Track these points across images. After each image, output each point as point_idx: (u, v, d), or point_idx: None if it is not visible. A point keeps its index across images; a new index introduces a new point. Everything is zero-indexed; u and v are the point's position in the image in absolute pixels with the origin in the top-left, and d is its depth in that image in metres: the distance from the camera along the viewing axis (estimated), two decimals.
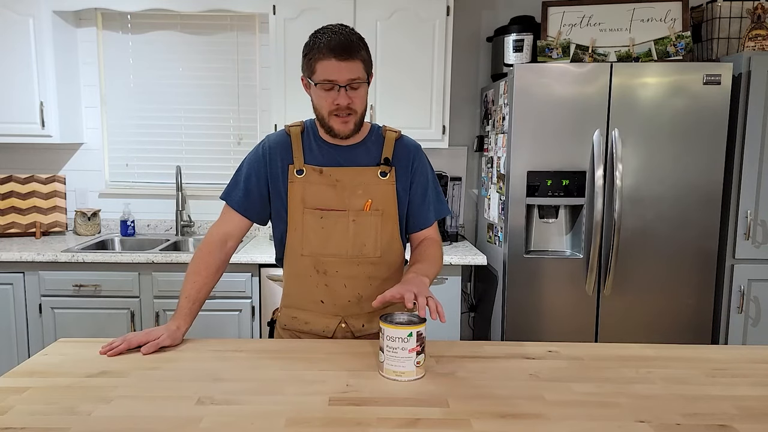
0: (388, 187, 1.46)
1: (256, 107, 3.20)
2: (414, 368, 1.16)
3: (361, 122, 1.43)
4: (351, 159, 1.46)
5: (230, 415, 1.00)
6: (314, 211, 1.43)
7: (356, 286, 1.46)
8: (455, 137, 3.18)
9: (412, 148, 1.52)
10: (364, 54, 1.37)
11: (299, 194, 1.44)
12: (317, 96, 1.38)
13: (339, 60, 1.32)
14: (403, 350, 1.16)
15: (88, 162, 3.22)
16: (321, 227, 1.43)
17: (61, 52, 2.93)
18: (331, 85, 1.34)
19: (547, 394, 1.10)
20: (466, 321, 3.23)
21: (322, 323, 1.47)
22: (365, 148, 1.48)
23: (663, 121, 2.44)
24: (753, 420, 1.01)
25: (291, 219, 1.46)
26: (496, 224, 2.74)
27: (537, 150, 2.47)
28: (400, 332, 1.15)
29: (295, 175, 1.45)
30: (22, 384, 1.12)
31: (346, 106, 1.35)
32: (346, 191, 1.44)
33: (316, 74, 1.35)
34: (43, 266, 2.59)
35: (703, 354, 1.34)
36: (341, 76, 1.33)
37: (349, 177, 1.44)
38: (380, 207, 1.45)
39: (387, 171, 1.46)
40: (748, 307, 2.56)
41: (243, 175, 1.50)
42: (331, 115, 1.38)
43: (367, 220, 1.44)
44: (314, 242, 1.44)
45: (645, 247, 2.50)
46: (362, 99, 1.40)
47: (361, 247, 1.44)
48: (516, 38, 2.81)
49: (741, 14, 2.64)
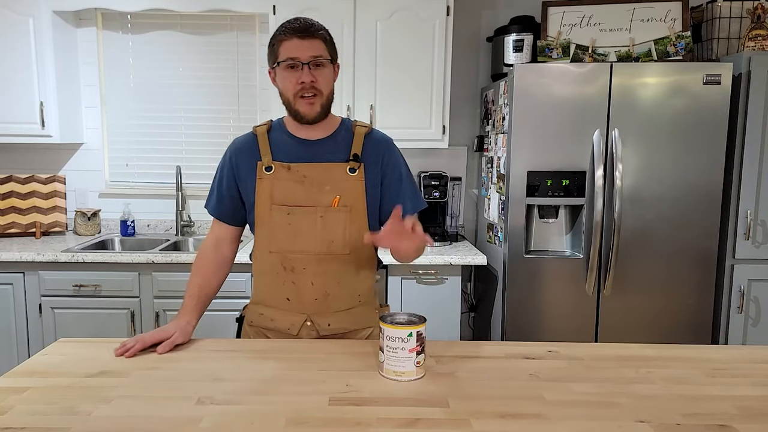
0: (356, 183, 1.45)
1: (256, 107, 3.20)
2: (414, 368, 1.16)
3: (327, 106, 1.43)
4: (319, 155, 1.45)
5: (230, 415, 1.00)
6: (282, 207, 1.43)
7: (324, 283, 1.45)
8: (455, 137, 3.18)
9: (382, 143, 1.51)
10: (325, 35, 1.40)
11: (267, 191, 1.44)
12: (282, 79, 1.40)
13: (300, 38, 1.36)
14: (403, 350, 1.15)
15: (88, 162, 3.22)
16: (288, 224, 1.43)
17: (61, 52, 2.93)
18: (294, 62, 1.36)
19: (547, 394, 1.10)
20: (466, 321, 3.23)
21: (287, 321, 1.47)
22: (334, 143, 1.47)
23: (663, 121, 2.44)
24: (753, 420, 1.01)
25: (258, 215, 1.46)
26: (496, 224, 2.74)
27: (537, 150, 2.47)
28: (400, 332, 1.15)
29: (263, 172, 1.45)
30: (22, 384, 1.12)
31: (310, 84, 1.36)
32: (314, 187, 1.43)
33: (280, 55, 1.38)
34: (43, 266, 2.59)
35: (703, 354, 1.34)
36: (303, 53, 1.36)
37: (318, 173, 1.44)
38: (349, 203, 1.44)
39: (356, 167, 1.45)
40: (748, 307, 2.56)
41: (216, 182, 1.53)
42: (296, 98, 1.39)
43: (335, 216, 1.43)
44: (282, 239, 1.44)
45: (645, 247, 2.50)
46: (326, 80, 1.40)
47: (329, 243, 1.44)
48: (516, 38, 2.81)
49: (741, 14, 2.64)
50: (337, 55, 1.46)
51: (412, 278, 2.64)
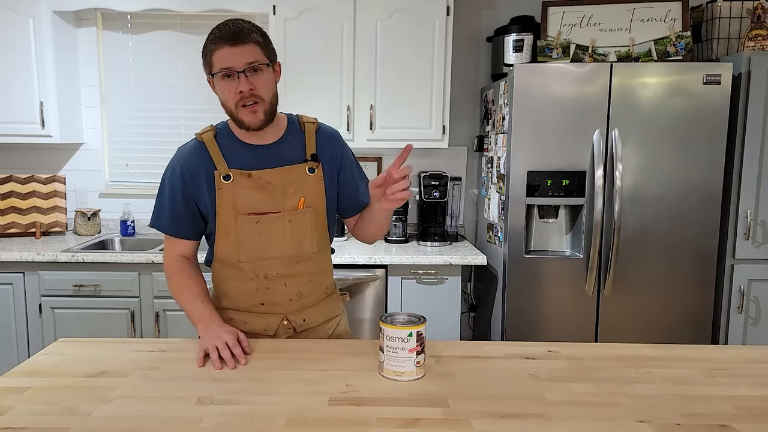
0: (317, 183, 1.44)
1: None
2: (414, 368, 1.16)
3: (271, 111, 1.37)
4: (277, 158, 1.42)
5: (230, 415, 1.00)
6: (248, 217, 1.39)
7: (296, 283, 1.45)
8: (455, 137, 3.18)
9: (333, 138, 1.50)
10: (257, 37, 1.33)
11: (229, 200, 1.39)
12: (221, 89, 1.34)
13: (231, 45, 1.30)
14: (403, 350, 1.15)
15: (88, 162, 3.22)
16: (258, 232, 1.40)
17: (61, 52, 2.93)
18: (229, 71, 1.31)
19: (547, 394, 1.10)
20: (466, 321, 3.23)
21: (263, 322, 1.46)
22: (288, 144, 1.44)
23: (663, 121, 2.44)
24: (753, 420, 1.01)
25: (221, 226, 1.41)
26: (496, 224, 2.74)
27: (537, 150, 2.47)
28: (400, 332, 1.15)
29: (222, 181, 1.39)
30: (22, 384, 1.12)
31: (249, 92, 1.31)
32: (277, 192, 1.40)
33: (214, 65, 1.33)
34: (43, 266, 2.59)
35: (703, 354, 1.34)
36: (237, 61, 1.30)
37: (279, 177, 1.41)
38: (312, 204, 1.44)
39: (314, 167, 1.44)
40: (748, 307, 2.56)
41: (167, 197, 1.45)
42: (238, 107, 1.33)
43: (302, 218, 1.42)
44: (251, 248, 1.41)
45: (645, 247, 2.50)
46: (266, 85, 1.34)
47: (299, 245, 1.43)
48: (516, 38, 2.81)
49: (741, 14, 2.64)
50: (276, 54, 1.39)
51: (412, 278, 2.64)
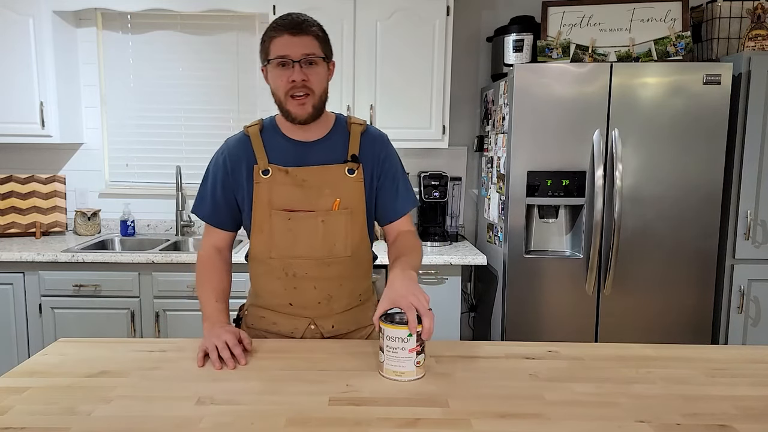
0: (356, 185, 1.42)
1: (256, 107, 3.20)
2: (414, 368, 1.16)
3: (320, 107, 1.38)
4: (317, 156, 1.41)
5: (230, 415, 1.00)
6: (281, 213, 1.39)
7: (326, 287, 1.43)
8: (455, 137, 3.18)
9: (378, 140, 1.48)
10: (317, 31, 1.34)
11: (266, 195, 1.40)
12: (273, 78, 1.34)
13: (291, 35, 1.30)
14: (403, 350, 1.15)
15: (88, 162, 3.22)
16: (289, 229, 1.40)
17: (61, 52, 2.93)
18: (285, 60, 1.31)
19: (547, 394, 1.10)
20: (466, 321, 3.23)
21: (290, 325, 1.45)
22: (331, 144, 1.43)
23: (663, 121, 2.44)
24: (753, 420, 1.00)
25: (256, 221, 1.41)
26: (496, 224, 2.74)
27: (537, 150, 2.47)
28: (400, 332, 1.15)
29: (260, 176, 1.40)
30: (22, 384, 1.12)
31: (301, 83, 1.31)
32: (313, 191, 1.39)
33: (270, 52, 1.32)
34: (43, 266, 2.59)
35: (703, 354, 1.34)
36: (294, 50, 1.30)
37: (316, 176, 1.40)
38: (349, 205, 1.41)
39: (354, 168, 1.42)
40: (748, 307, 2.56)
41: (209, 187, 1.47)
42: (287, 97, 1.33)
43: (336, 219, 1.40)
44: (282, 245, 1.41)
45: (645, 247, 2.50)
46: (319, 78, 1.34)
47: (331, 247, 1.41)
48: (516, 38, 2.81)
49: (741, 14, 2.64)
50: (332, 52, 1.40)
51: None
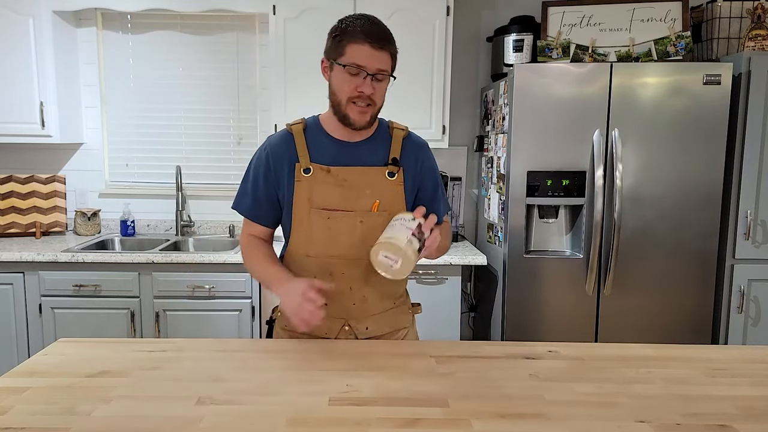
0: (396, 188, 1.44)
1: (256, 107, 3.20)
2: (405, 242, 1.21)
3: (376, 116, 1.42)
4: (359, 157, 1.43)
5: (230, 415, 1.00)
6: (321, 211, 1.41)
7: (362, 288, 1.44)
8: (455, 137, 3.18)
9: (419, 147, 1.51)
10: (394, 49, 1.37)
11: (306, 193, 1.41)
12: (339, 80, 1.35)
13: (373, 47, 1.31)
14: (402, 226, 1.23)
15: (88, 162, 3.22)
16: (327, 228, 1.41)
17: (61, 52, 2.93)
18: (358, 70, 1.32)
19: (547, 394, 1.10)
20: (466, 321, 3.23)
21: (324, 325, 1.44)
22: (373, 146, 1.45)
23: (663, 121, 2.44)
24: (753, 420, 1.01)
25: (296, 218, 1.43)
26: (496, 224, 2.74)
27: (537, 150, 2.47)
28: (406, 215, 1.25)
29: (302, 174, 1.41)
30: (22, 384, 1.12)
31: (368, 96, 1.33)
32: (353, 191, 1.41)
33: (345, 56, 1.32)
34: (43, 266, 2.59)
35: (703, 354, 1.34)
36: (371, 63, 1.31)
37: (357, 177, 1.41)
38: (388, 208, 1.42)
39: (395, 171, 1.44)
40: (748, 307, 2.55)
41: (250, 183, 1.48)
42: (349, 103, 1.35)
43: (374, 221, 1.41)
44: (320, 243, 1.42)
45: (645, 247, 2.50)
46: (382, 93, 1.38)
47: (368, 248, 1.41)
48: (516, 38, 2.81)
49: (741, 14, 2.64)
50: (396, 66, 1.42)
51: (412, 278, 2.64)
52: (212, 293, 2.60)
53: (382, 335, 1.48)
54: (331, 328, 1.45)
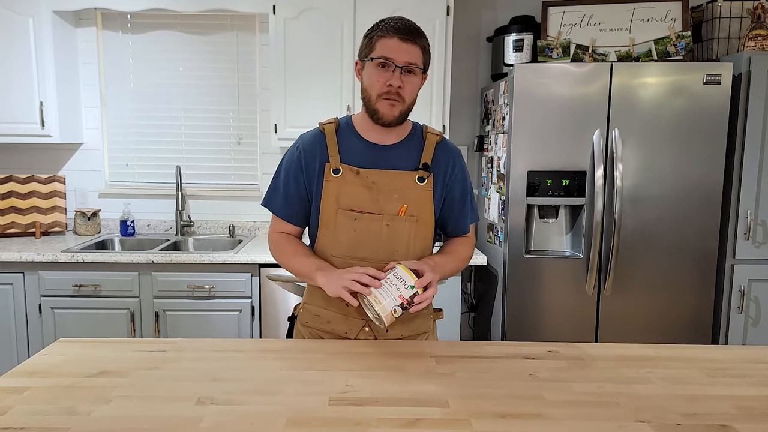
0: (425, 193, 1.43)
1: (256, 107, 3.20)
2: (390, 311, 1.25)
3: (406, 113, 1.40)
4: (389, 160, 1.42)
5: (230, 415, 1.00)
6: (348, 212, 1.40)
7: None
8: (455, 137, 3.18)
9: (452, 154, 1.49)
10: (425, 43, 1.37)
11: (334, 194, 1.41)
12: (370, 75, 1.36)
13: (401, 40, 1.32)
14: (396, 291, 1.25)
15: (88, 162, 3.22)
16: (353, 229, 1.40)
17: (61, 52, 2.93)
18: (387, 62, 1.33)
19: (547, 394, 1.10)
20: (466, 321, 3.23)
21: (345, 325, 1.45)
22: (405, 150, 1.44)
23: (663, 121, 2.44)
24: (753, 420, 1.01)
25: (323, 218, 1.43)
26: (496, 224, 2.74)
27: (537, 150, 2.47)
28: (408, 279, 1.25)
29: (331, 174, 1.41)
30: (22, 384, 1.12)
31: (396, 88, 1.33)
32: (381, 194, 1.40)
33: (375, 51, 1.34)
34: (43, 266, 2.59)
35: (703, 354, 1.34)
36: (400, 56, 1.32)
37: (386, 180, 1.40)
38: (415, 213, 1.42)
39: (425, 176, 1.42)
40: (748, 307, 2.55)
41: (281, 181, 1.48)
42: (379, 98, 1.35)
43: (401, 225, 1.41)
44: (345, 244, 1.41)
45: (645, 247, 2.50)
46: (413, 88, 1.37)
47: (393, 252, 1.41)
48: (516, 38, 2.81)
49: (741, 14, 2.64)
50: (429, 66, 1.42)
51: None
52: (212, 293, 2.60)
53: (402, 338, 1.47)
54: (350, 328, 1.45)
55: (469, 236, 1.58)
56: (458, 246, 1.54)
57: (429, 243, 1.48)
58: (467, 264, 1.54)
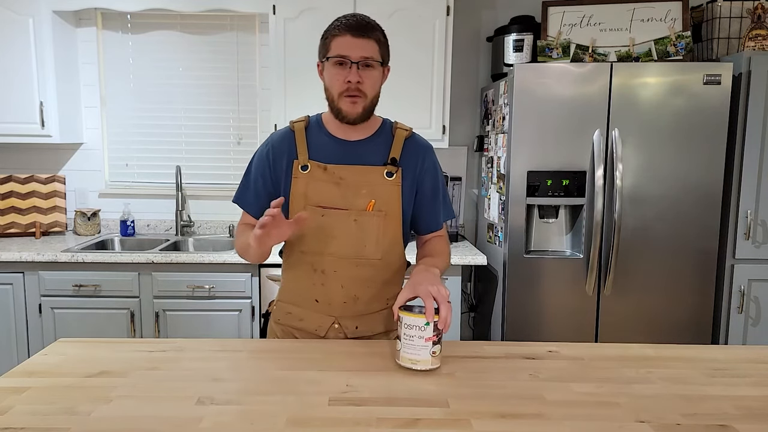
0: (393, 188, 1.43)
1: (256, 107, 3.20)
2: (429, 357, 1.17)
3: (370, 109, 1.41)
4: (358, 156, 1.43)
5: (230, 415, 1.00)
6: (316, 209, 1.41)
7: (353, 287, 1.44)
8: (455, 137, 3.18)
9: (422, 148, 1.49)
10: (379, 36, 1.37)
11: (302, 190, 1.42)
12: (329, 75, 1.37)
13: (354, 36, 1.33)
14: (419, 338, 1.17)
15: (88, 162, 3.22)
16: (321, 225, 1.41)
17: (61, 52, 2.93)
18: (343, 60, 1.33)
19: (547, 394, 1.10)
20: (466, 321, 3.23)
21: (315, 322, 1.46)
22: (374, 145, 1.45)
23: (663, 121, 2.44)
24: (753, 420, 1.00)
25: (292, 214, 1.43)
26: (496, 224, 2.74)
27: (537, 150, 2.47)
28: (418, 321, 1.16)
29: (299, 171, 1.43)
30: (22, 384, 1.12)
31: (356, 84, 1.34)
32: (349, 190, 1.41)
33: (330, 50, 1.35)
34: (43, 266, 2.59)
35: (703, 354, 1.34)
36: (354, 52, 1.33)
37: (354, 175, 1.41)
38: (384, 208, 1.42)
39: (393, 171, 1.43)
40: (748, 307, 2.55)
41: (251, 178, 1.50)
42: (341, 96, 1.36)
43: (369, 220, 1.41)
44: (314, 240, 1.42)
45: (645, 247, 2.50)
46: (373, 82, 1.38)
47: (361, 248, 1.42)
48: (516, 38, 2.81)
49: (741, 14, 2.64)
50: (389, 57, 1.43)
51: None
52: (212, 293, 2.60)
53: (373, 335, 1.47)
54: (321, 325, 1.46)
55: (444, 234, 1.56)
56: (436, 246, 1.51)
57: (398, 238, 1.47)
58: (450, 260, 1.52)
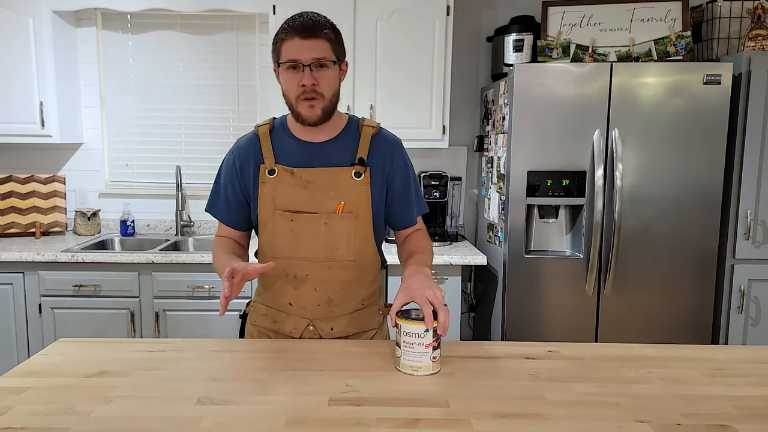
0: (362, 189, 1.41)
1: (256, 107, 3.20)
2: (430, 363, 1.17)
3: (330, 109, 1.37)
4: (324, 158, 1.41)
5: (230, 415, 1.00)
6: (285, 213, 1.39)
7: (327, 290, 1.43)
8: (455, 137, 3.18)
9: (390, 144, 1.46)
10: (329, 34, 1.33)
11: (270, 195, 1.40)
12: (284, 80, 1.34)
13: (302, 38, 1.29)
14: (419, 345, 1.17)
15: (88, 162, 3.22)
16: (291, 230, 1.40)
17: (61, 52, 2.93)
18: (295, 64, 1.30)
19: (547, 394, 1.10)
20: (466, 321, 3.23)
21: (290, 324, 1.46)
22: (340, 145, 1.42)
23: (663, 121, 2.44)
24: (753, 420, 1.00)
25: (261, 220, 1.42)
26: (496, 224, 2.74)
27: (537, 150, 2.47)
28: (417, 328, 1.16)
29: (266, 175, 1.41)
30: (22, 384, 1.12)
31: (311, 87, 1.31)
32: (318, 193, 1.39)
33: (282, 55, 1.32)
34: (43, 266, 2.59)
35: (703, 354, 1.34)
36: (305, 54, 1.29)
37: (322, 178, 1.39)
38: (353, 209, 1.40)
39: (361, 171, 1.40)
40: (748, 307, 2.55)
41: (221, 186, 1.48)
42: (298, 100, 1.33)
43: (339, 222, 1.39)
44: (284, 245, 1.41)
45: (645, 247, 2.50)
46: (329, 82, 1.34)
47: (333, 250, 1.40)
48: (516, 38, 2.81)
49: (741, 14, 2.64)
50: (345, 52, 1.39)
51: None
52: (212, 293, 2.60)
53: (348, 336, 1.47)
54: (295, 327, 1.45)
55: (421, 228, 1.55)
56: (417, 241, 1.49)
57: (370, 238, 1.44)
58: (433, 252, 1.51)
